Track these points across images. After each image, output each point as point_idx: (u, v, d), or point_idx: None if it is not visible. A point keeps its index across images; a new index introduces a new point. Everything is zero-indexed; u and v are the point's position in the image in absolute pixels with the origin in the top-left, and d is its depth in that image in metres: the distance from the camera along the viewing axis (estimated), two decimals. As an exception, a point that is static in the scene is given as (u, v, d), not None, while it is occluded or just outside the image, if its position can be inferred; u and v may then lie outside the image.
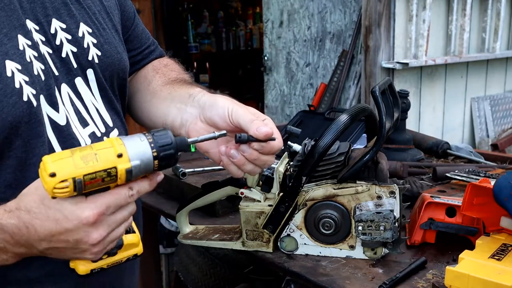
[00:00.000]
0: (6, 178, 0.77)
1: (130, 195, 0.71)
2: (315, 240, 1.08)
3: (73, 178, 0.64)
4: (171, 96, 0.98)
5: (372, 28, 2.80)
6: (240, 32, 6.28)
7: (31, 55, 0.79)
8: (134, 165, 0.68)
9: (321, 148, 0.99)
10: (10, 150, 0.76)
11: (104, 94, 0.92)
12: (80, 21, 0.89)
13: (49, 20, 0.84)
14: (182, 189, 1.45)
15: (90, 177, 0.65)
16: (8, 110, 0.73)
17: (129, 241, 0.78)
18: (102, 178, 0.67)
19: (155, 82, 1.05)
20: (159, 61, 1.13)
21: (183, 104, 0.94)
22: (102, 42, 0.92)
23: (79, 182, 0.65)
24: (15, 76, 0.75)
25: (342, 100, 3.20)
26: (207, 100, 0.90)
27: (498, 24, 3.29)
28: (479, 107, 3.39)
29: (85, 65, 0.88)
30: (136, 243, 0.80)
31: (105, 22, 0.94)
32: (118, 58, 0.95)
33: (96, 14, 0.93)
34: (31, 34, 0.80)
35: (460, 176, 1.35)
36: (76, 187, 0.65)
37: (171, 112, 0.96)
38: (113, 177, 0.68)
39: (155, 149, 0.70)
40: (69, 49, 0.86)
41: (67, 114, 0.83)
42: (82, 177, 0.65)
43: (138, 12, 1.15)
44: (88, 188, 0.66)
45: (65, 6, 0.87)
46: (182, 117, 0.93)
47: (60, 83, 0.84)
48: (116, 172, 0.67)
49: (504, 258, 0.89)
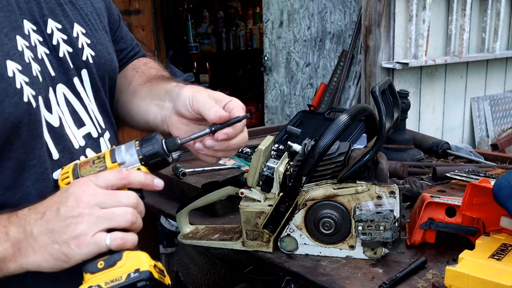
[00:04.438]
0: (5, 180, 0.76)
1: (119, 170, 0.74)
2: (315, 240, 1.08)
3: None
4: (151, 94, 1.00)
5: (372, 28, 2.80)
6: (240, 32, 6.27)
7: (29, 56, 0.79)
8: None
9: (321, 148, 0.99)
10: (10, 151, 0.75)
11: (97, 95, 0.93)
12: (74, 21, 0.90)
13: (45, 20, 0.85)
14: (182, 189, 1.46)
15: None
16: (10, 110, 0.73)
17: (132, 256, 0.72)
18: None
19: (135, 81, 1.06)
20: (139, 60, 1.15)
21: (161, 100, 0.96)
22: (95, 42, 0.92)
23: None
24: (16, 77, 0.75)
25: (342, 100, 3.20)
26: (176, 92, 0.92)
27: (498, 24, 3.29)
28: (479, 107, 3.39)
29: (80, 65, 0.89)
30: (140, 262, 0.71)
31: (96, 23, 0.95)
32: (109, 58, 0.96)
33: (88, 15, 0.93)
34: (28, 34, 0.80)
35: (460, 176, 1.35)
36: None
37: (151, 111, 0.98)
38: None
39: (144, 161, 0.77)
40: (65, 50, 0.87)
41: (60, 116, 0.83)
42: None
43: (138, 12, 1.17)
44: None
45: (60, 7, 0.88)
46: (161, 113, 0.96)
47: (56, 84, 0.84)
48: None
49: (504, 258, 0.89)
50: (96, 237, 0.70)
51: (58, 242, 0.70)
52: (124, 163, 0.76)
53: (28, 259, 0.71)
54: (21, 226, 0.71)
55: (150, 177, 0.77)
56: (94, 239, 0.70)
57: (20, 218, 0.71)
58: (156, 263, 0.72)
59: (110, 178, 0.73)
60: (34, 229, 0.70)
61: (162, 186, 0.78)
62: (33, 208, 0.72)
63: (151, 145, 0.77)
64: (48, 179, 0.79)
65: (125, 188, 0.75)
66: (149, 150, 0.77)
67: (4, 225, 0.71)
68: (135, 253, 0.72)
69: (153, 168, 0.78)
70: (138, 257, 0.71)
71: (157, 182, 0.77)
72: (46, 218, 0.70)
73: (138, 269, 0.69)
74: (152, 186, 0.77)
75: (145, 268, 0.69)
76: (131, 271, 0.69)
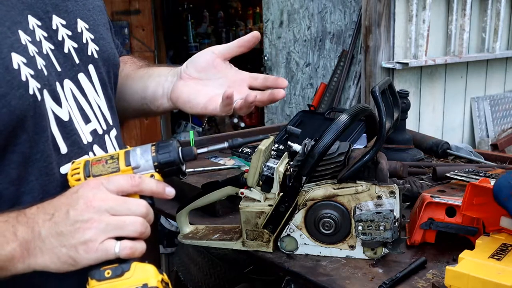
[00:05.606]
0: (10, 174, 0.75)
1: (132, 177, 0.73)
2: (315, 240, 1.08)
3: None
4: (148, 74, 1.06)
5: (372, 28, 2.80)
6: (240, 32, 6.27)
7: (33, 50, 0.78)
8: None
9: (321, 148, 0.99)
10: (15, 144, 0.74)
11: (105, 90, 0.93)
12: (77, 16, 0.90)
13: (50, 16, 0.85)
14: (182, 189, 1.45)
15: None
16: (15, 102, 0.72)
17: (140, 269, 0.71)
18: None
19: (127, 68, 1.11)
20: (124, 57, 1.18)
21: (163, 76, 1.02)
22: (98, 37, 0.93)
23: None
24: (21, 69, 0.74)
25: (342, 100, 3.20)
26: (186, 62, 0.98)
27: (498, 24, 3.29)
28: (479, 107, 3.39)
29: (86, 60, 0.89)
30: (148, 276, 0.70)
31: (99, 19, 0.96)
32: (112, 53, 0.97)
33: (90, 11, 0.94)
34: (33, 30, 0.80)
35: (460, 176, 1.35)
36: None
37: (150, 85, 1.03)
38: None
39: (158, 168, 0.76)
40: (70, 45, 0.87)
41: (69, 110, 0.83)
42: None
43: (138, 12, 1.20)
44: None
45: (63, 2, 0.88)
46: (163, 86, 1.01)
47: (63, 79, 0.84)
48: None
49: (504, 258, 0.89)
50: (105, 244, 0.70)
51: (66, 246, 0.69)
52: (138, 168, 0.75)
53: (36, 260, 0.70)
54: (30, 227, 0.70)
55: (162, 185, 0.76)
56: (103, 245, 0.69)
57: (28, 218, 0.71)
58: (163, 277, 0.71)
59: (122, 184, 0.72)
60: (43, 230, 0.70)
61: (173, 195, 0.77)
62: (41, 207, 0.72)
63: (168, 153, 0.75)
64: (52, 174, 0.79)
65: (137, 195, 0.74)
66: (165, 158, 0.75)
67: (13, 225, 0.70)
68: (143, 265, 0.71)
69: (167, 176, 0.76)
70: (146, 270, 0.70)
71: (168, 191, 0.77)
72: (55, 220, 0.70)
73: (146, 284, 0.68)
74: (163, 195, 0.76)
75: (153, 284, 0.69)
76: (138, 285, 0.69)
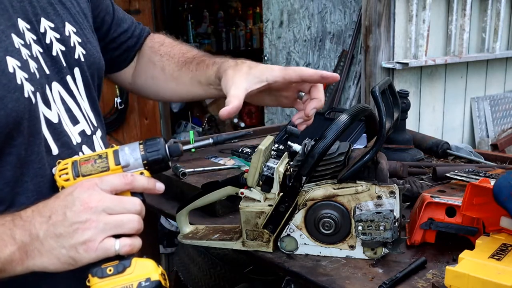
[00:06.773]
0: (5, 176, 0.77)
1: (125, 175, 0.75)
2: (315, 240, 1.08)
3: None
4: (192, 80, 1.11)
5: (372, 28, 2.80)
6: (240, 32, 6.27)
7: (26, 53, 0.80)
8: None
9: (321, 148, 0.99)
10: (11, 146, 0.76)
11: (89, 93, 0.94)
12: (65, 20, 0.91)
13: (38, 20, 0.86)
14: (182, 189, 1.46)
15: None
16: (12, 105, 0.74)
17: (141, 264, 0.74)
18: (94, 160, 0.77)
19: (168, 67, 1.15)
20: (151, 40, 1.19)
21: (211, 85, 1.08)
22: (85, 41, 0.94)
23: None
24: (16, 73, 0.76)
25: (342, 100, 3.20)
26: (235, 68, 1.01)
27: (498, 24, 3.29)
28: (479, 107, 3.39)
29: (73, 63, 0.90)
30: (150, 271, 0.73)
31: (84, 22, 0.97)
32: (98, 57, 0.98)
33: (76, 15, 0.95)
34: (23, 33, 0.81)
35: (460, 176, 1.35)
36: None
37: (196, 93, 1.12)
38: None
39: (147, 165, 0.78)
40: (58, 48, 0.88)
41: (58, 112, 0.85)
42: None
43: (138, 12, 1.20)
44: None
45: (51, 6, 0.89)
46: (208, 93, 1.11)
47: (51, 82, 0.85)
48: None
49: (504, 258, 0.89)
50: (105, 243, 0.71)
51: (66, 247, 0.71)
52: (128, 166, 0.77)
53: (35, 262, 0.71)
54: (27, 230, 0.71)
55: (152, 181, 0.79)
56: (103, 244, 0.71)
57: (24, 221, 0.72)
58: (162, 270, 0.74)
59: (116, 183, 0.74)
60: (40, 232, 0.71)
61: (163, 190, 0.80)
62: (36, 210, 0.73)
63: (156, 151, 0.78)
64: (45, 175, 0.80)
65: (128, 192, 0.76)
66: (154, 156, 0.78)
67: (10, 228, 0.71)
68: (143, 260, 0.74)
69: (155, 172, 0.80)
70: (146, 265, 0.73)
71: (158, 186, 0.80)
72: (53, 222, 0.71)
73: (149, 278, 0.71)
74: (153, 190, 0.79)
75: (156, 278, 0.72)
76: (141, 279, 0.71)
